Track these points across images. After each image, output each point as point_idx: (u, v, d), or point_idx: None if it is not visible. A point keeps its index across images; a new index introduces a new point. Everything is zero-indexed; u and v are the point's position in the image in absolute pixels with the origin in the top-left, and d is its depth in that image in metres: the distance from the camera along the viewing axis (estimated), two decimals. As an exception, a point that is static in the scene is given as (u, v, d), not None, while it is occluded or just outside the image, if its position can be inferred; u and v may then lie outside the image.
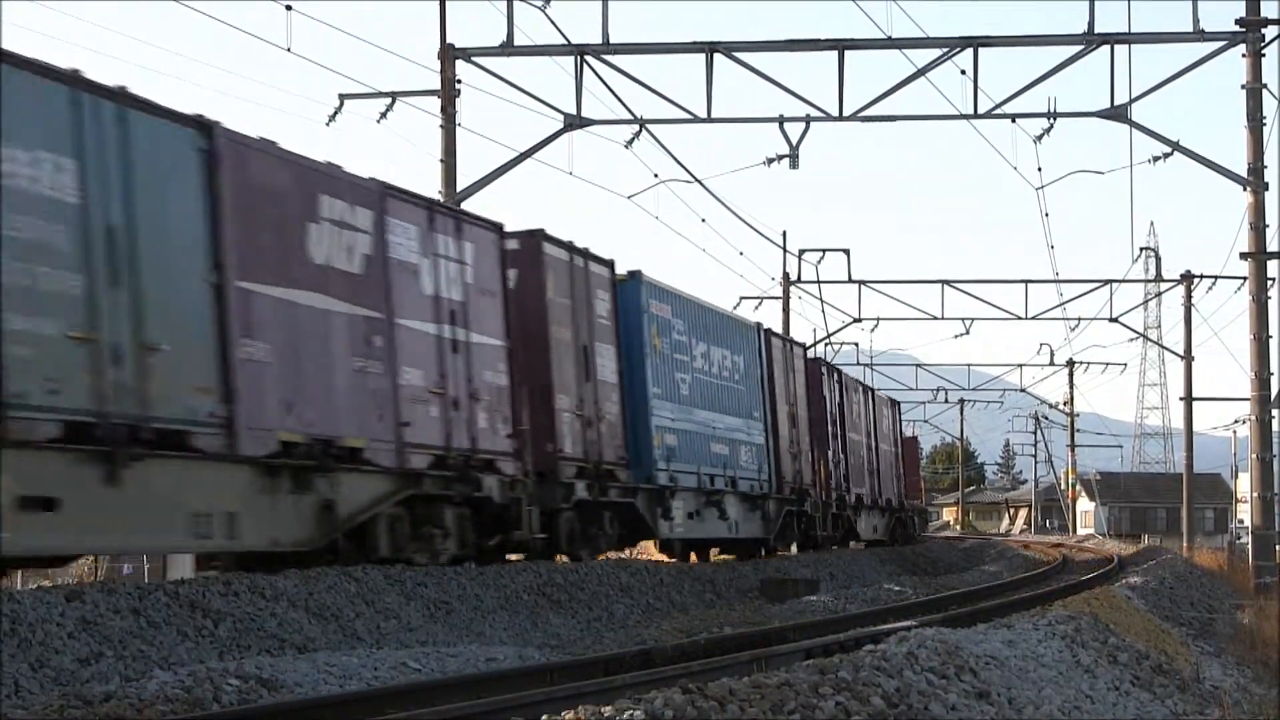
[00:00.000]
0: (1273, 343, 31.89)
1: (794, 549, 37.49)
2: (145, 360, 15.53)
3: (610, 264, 26.90)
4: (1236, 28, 30.78)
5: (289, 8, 27.26)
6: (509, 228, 23.20)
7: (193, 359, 16.33)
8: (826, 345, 58.91)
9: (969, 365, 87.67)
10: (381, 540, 19.45)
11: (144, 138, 15.90)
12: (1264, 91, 31.18)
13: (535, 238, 24.18)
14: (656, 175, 38.05)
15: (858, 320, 57.81)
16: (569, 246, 25.26)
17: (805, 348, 41.58)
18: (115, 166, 15.46)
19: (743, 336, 34.45)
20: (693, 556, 31.92)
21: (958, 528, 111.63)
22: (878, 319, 59.69)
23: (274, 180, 17.90)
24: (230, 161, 17.07)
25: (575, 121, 31.57)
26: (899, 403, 59.73)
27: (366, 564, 18.55)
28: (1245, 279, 32.79)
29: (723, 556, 33.30)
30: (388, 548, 19.52)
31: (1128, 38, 30.68)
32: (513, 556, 23.20)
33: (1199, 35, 30.51)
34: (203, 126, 16.80)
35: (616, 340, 26.63)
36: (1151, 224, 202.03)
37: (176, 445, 15.96)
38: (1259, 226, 31.71)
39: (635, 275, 28.26)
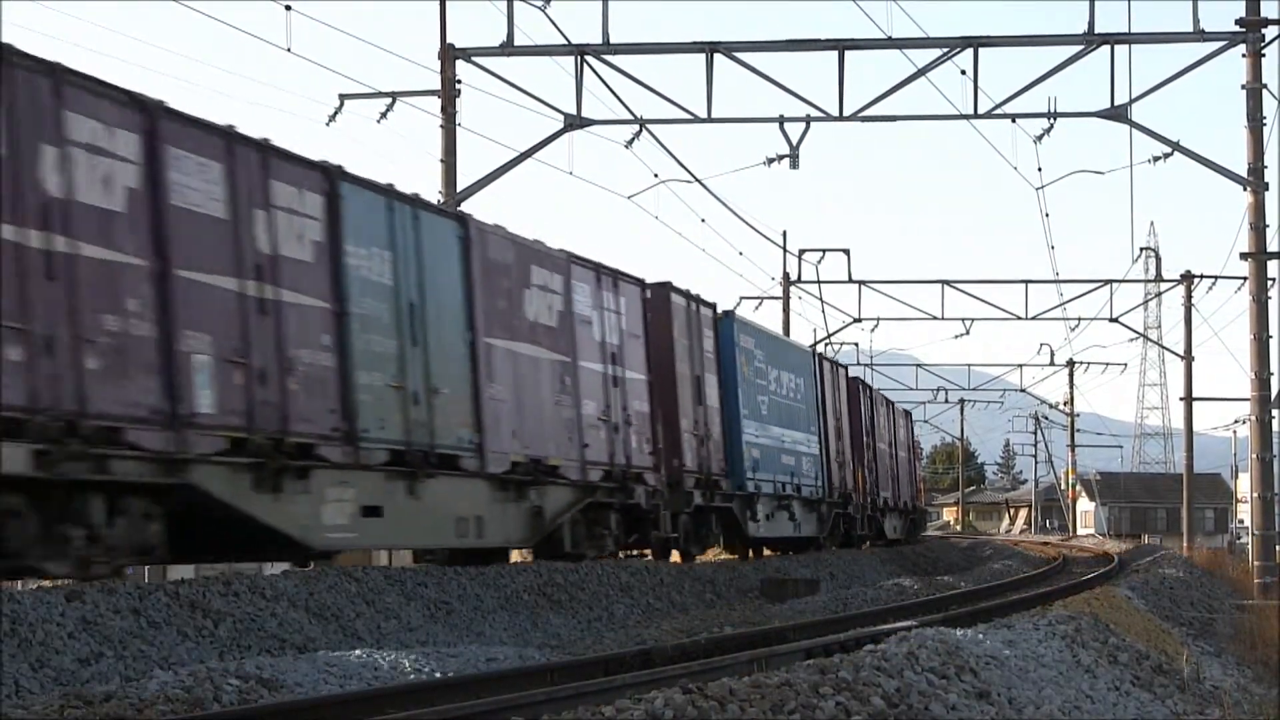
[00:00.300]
0: (1273, 343, 31.88)
1: (833, 546, 41.43)
2: (432, 402, 20.52)
3: (713, 306, 31.85)
4: (1236, 28, 30.77)
5: (289, 8, 27.27)
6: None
7: (459, 399, 21.29)
8: (826, 345, 58.93)
9: (969, 365, 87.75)
10: (566, 539, 24.28)
11: (428, 232, 20.93)
12: (1264, 91, 31.17)
13: (665, 289, 29.14)
14: (656, 175, 38.12)
15: (858, 320, 57.83)
16: (685, 294, 30.07)
17: (847, 368, 46.25)
18: (412, 255, 20.48)
19: (801, 360, 39.16)
20: (765, 551, 36.45)
21: (957, 528, 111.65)
22: (878, 319, 59.76)
23: (502, 256, 22.92)
24: (476, 244, 22.12)
25: (575, 121, 31.57)
26: (910, 413, 62.43)
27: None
28: (1245, 279, 32.78)
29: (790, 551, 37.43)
30: (570, 544, 24.32)
31: (1128, 38, 30.67)
32: (637, 551, 27.94)
33: (1199, 35, 30.50)
34: (460, 219, 22.25)
35: (718, 370, 31.51)
36: (1151, 224, 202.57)
37: (449, 466, 20.89)
38: (1259, 226, 31.70)
39: (729, 314, 33.15)
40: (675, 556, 29.31)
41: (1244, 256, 32.13)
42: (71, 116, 14.98)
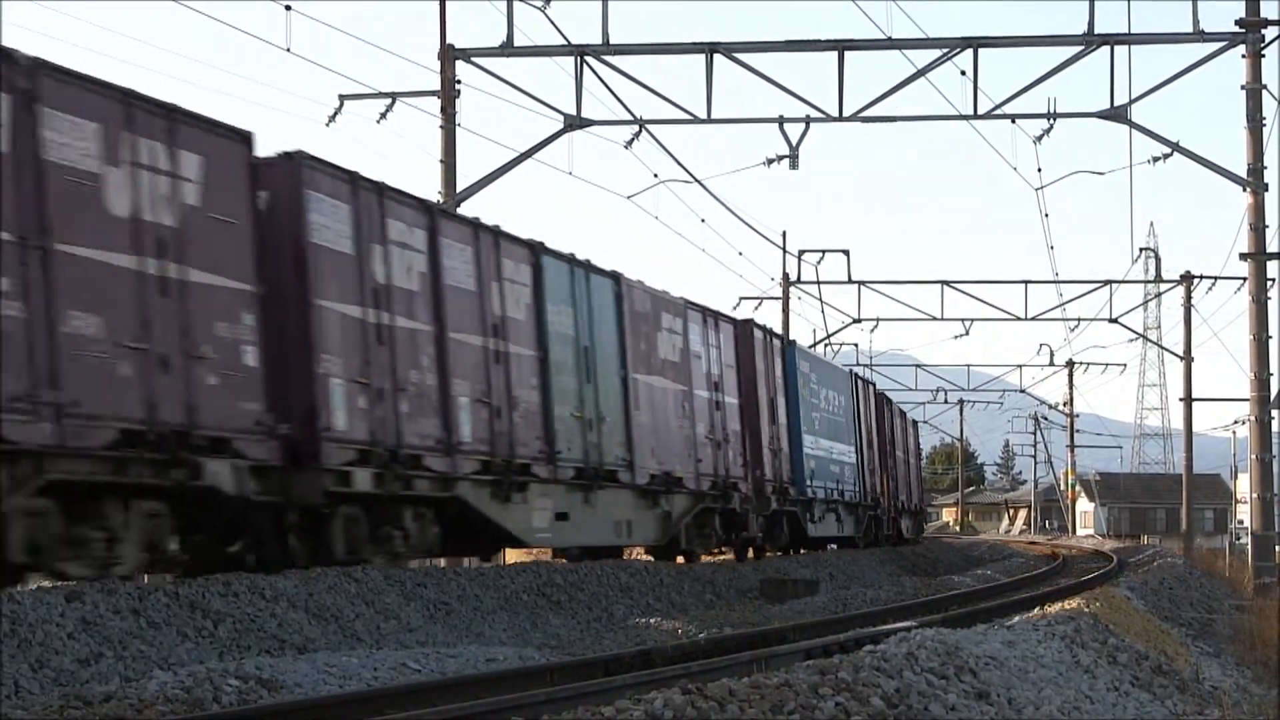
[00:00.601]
0: (1273, 343, 31.91)
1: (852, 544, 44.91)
2: (600, 428, 25.45)
3: (782, 338, 38.16)
4: (1236, 28, 30.80)
5: (289, 8, 27.28)
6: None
7: (616, 425, 26.21)
8: (826, 346, 58.94)
9: (969, 366, 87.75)
10: (683, 538, 29.31)
11: (594, 289, 25.89)
12: (1264, 92, 31.21)
13: (749, 325, 34.50)
14: (656, 175, 38.14)
15: (857, 321, 57.87)
16: (764, 329, 35.55)
17: (874, 384, 51.02)
18: (584, 309, 25.32)
19: (843, 380, 44.00)
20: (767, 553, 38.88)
21: (957, 528, 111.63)
22: (877, 319, 59.82)
23: (642, 306, 27.92)
24: (626, 297, 27.12)
25: (575, 122, 31.58)
26: (918, 422, 65.11)
27: (369, 565, 18.61)
28: (1245, 279, 32.81)
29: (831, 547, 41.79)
30: (685, 542, 29.42)
31: (1128, 38, 30.69)
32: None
33: (1199, 36, 30.52)
34: (615, 278, 26.87)
35: (785, 393, 36.36)
36: (1151, 224, 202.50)
37: (610, 480, 25.87)
38: (1259, 227, 31.73)
39: (792, 343, 39.26)
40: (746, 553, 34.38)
41: (1244, 257, 32.16)
42: (391, 222, 20.10)
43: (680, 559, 29.31)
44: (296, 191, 18.28)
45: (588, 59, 31.13)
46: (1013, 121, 32.83)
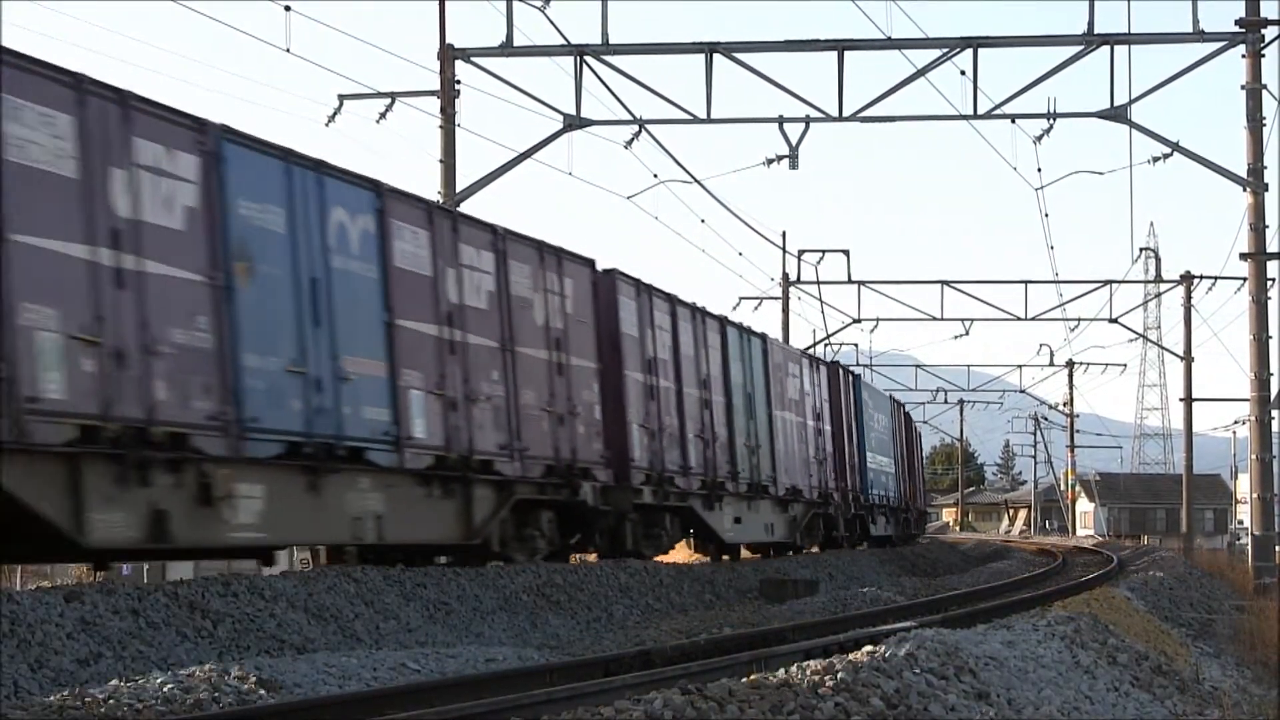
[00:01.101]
0: (1273, 343, 31.90)
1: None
2: (759, 452, 33.64)
3: (858, 376, 46.49)
4: (1236, 28, 30.79)
5: (288, 8, 27.25)
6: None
7: (765, 450, 34.27)
8: (826, 346, 58.94)
9: (969, 366, 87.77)
10: (801, 536, 37.17)
11: (752, 348, 34.24)
12: (1264, 92, 31.19)
13: (836, 366, 43.43)
14: (656, 175, 38.15)
15: (857, 321, 57.86)
16: (846, 369, 44.20)
17: (903, 406, 57.22)
18: (748, 363, 33.81)
19: (885, 403, 51.44)
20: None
21: (956, 529, 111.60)
22: (877, 319, 59.82)
23: (777, 358, 36.58)
24: (770, 352, 35.45)
25: (575, 122, 31.57)
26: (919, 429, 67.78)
27: (360, 564, 18.57)
28: (1245, 279, 32.79)
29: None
30: (801, 540, 37.28)
31: (1127, 38, 30.68)
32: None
33: (1199, 36, 30.51)
34: (763, 338, 34.94)
35: (856, 418, 44.19)
36: (1151, 224, 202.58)
37: (762, 493, 33.72)
38: (1259, 227, 31.71)
39: (858, 378, 46.67)
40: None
41: (1244, 257, 32.14)
42: (658, 315, 28.18)
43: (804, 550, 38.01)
44: (613, 298, 26.11)
45: (587, 59, 31.11)
46: (1013, 121, 32.83)
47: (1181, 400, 59.25)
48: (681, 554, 32.71)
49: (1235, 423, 74.59)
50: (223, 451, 16.36)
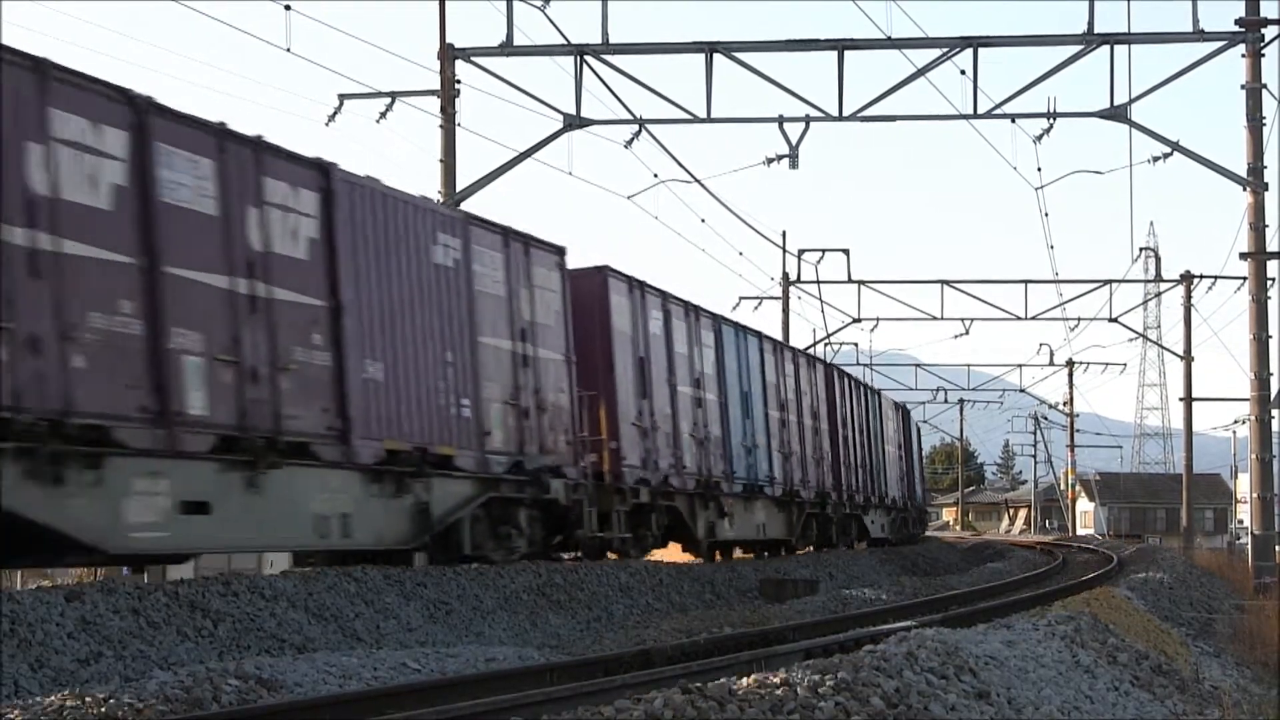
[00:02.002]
0: (1273, 343, 31.89)
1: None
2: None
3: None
4: (1236, 28, 30.78)
5: (289, 8, 27.25)
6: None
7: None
8: (826, 345, 58.92)
9: (969, 365, 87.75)
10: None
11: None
12: (1264, 91, 31.18)
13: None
14: (656, 175, 38.16)
15: (857, 320, 57.84)
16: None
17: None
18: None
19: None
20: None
21: (957, 528, 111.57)
22: (877, 319, 59.81)
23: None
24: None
25: (575, 121, 31.56)
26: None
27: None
28: (1245, 279, 32.79)
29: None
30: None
31: (1128, 38, 30.68)
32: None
33: (1199, 35, 30.50)
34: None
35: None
36: (1151, 224, 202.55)
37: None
38: (1259, 226, 31.70)
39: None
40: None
41: (1244, 256, 32.13)
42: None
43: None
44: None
45: (587, 58, 31.11)
46: (1013, 121, 32.83)
47: (1181, 400, 59.23)
48: (674, 553, 31.91)
49: (1235, 422, 74.46)
50: None
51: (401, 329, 20.11)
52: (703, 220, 69.19)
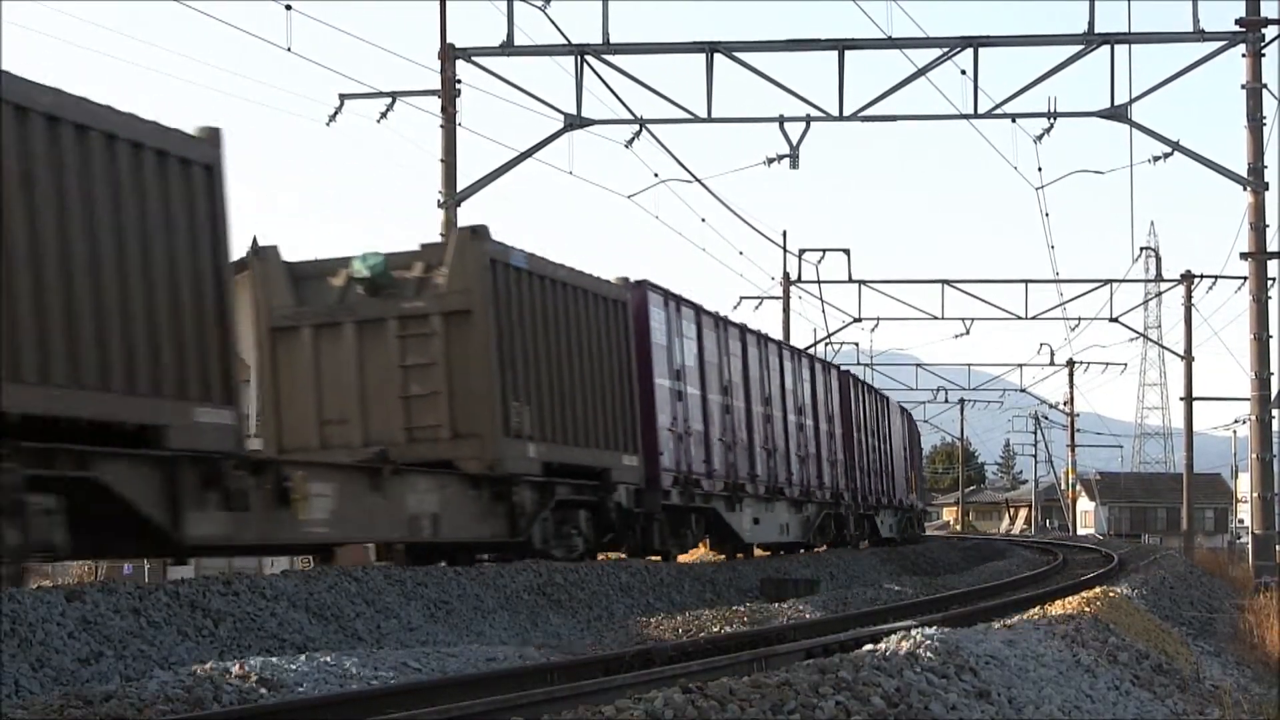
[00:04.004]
0: (1273, 343, 31.90)
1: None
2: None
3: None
4: (1236, 28, 30.79)
5: (289, 8, 27.28)
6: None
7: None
8: (826, 345, 58.92)
9: (969, 365, 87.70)
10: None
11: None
12: (1264, 91, 31.21)
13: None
14: (656, 175, 38.14)
15: (858, 320, 57.86)
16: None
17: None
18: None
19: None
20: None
21: (957, 528, 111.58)
22: (878, 319, 59.82)
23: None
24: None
25: (575, 121, 31.57)
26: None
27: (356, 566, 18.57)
28: (1245, 279, 32.80)
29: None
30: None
31: (1128, 38, 30.68)
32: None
33: (1199, 35, 30.51)
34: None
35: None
36: (1151, 224, 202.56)
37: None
38: (1259, 226, 31.71)
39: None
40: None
41: (1244, 256, 32.15)
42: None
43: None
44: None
45: (588, 58, 31.12)
46: (1013, 121, 32.85)
47: (1182, 399, 59.24)
48: (699, 554, 33.38)
49: (1235, 422, 74.53)
50: None
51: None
52: (703, 220, 69.20)
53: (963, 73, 31.06)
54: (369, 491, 19.84)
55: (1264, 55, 31.05)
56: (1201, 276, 55.76)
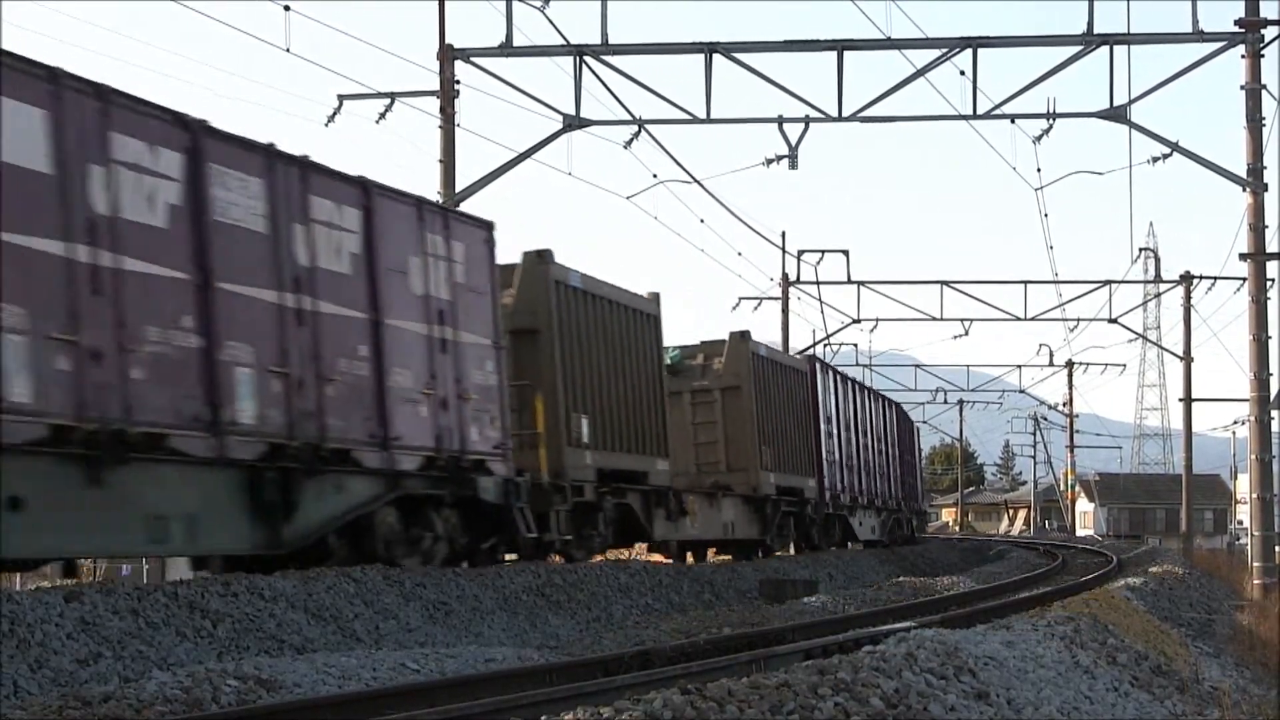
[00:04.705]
0: (1272, 343, 31.87)
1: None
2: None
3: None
4: (1236, 28, 30.77)
5: (288, 8, 27.24)
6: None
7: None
8: (826, 346, 58.92)
9: (968, 366, 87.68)
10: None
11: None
12: (1263, 92, 31.17)
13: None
14: (655, 176, 38.11)
15: (857, 321, 57.82)
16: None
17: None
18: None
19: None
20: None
21: (956, 529, 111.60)
22: (877, 320, 59.76)
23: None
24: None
25: (574, 122, 31.55)
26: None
27: (365, 563, 18.59)
28: (1245, 280, 32.78)
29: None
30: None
31: (1127, 38, 30.67)
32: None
33: (1198, 36, 30.49)
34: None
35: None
36: (1151, 224, 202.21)
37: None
38: (1258, 227, 31.69)
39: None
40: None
41: (1243, 257, 32.12)
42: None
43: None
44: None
45: (587, 59, 31.10)
46: (1012, 121, 32.82)
47: (1181, 400, 59.23)
48: (634, 554, 32.79)
49: (1235, 423, 74.58)
50: None
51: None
52: (702, 221, 69.12)
53: (962, 73, 31.06)
54: (710, 508, 32.55)
55: (1263, 56, 31.03)
56: (1201, 277, 55.76)
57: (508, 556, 23.19)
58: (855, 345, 67.03)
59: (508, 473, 22.20)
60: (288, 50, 27.30)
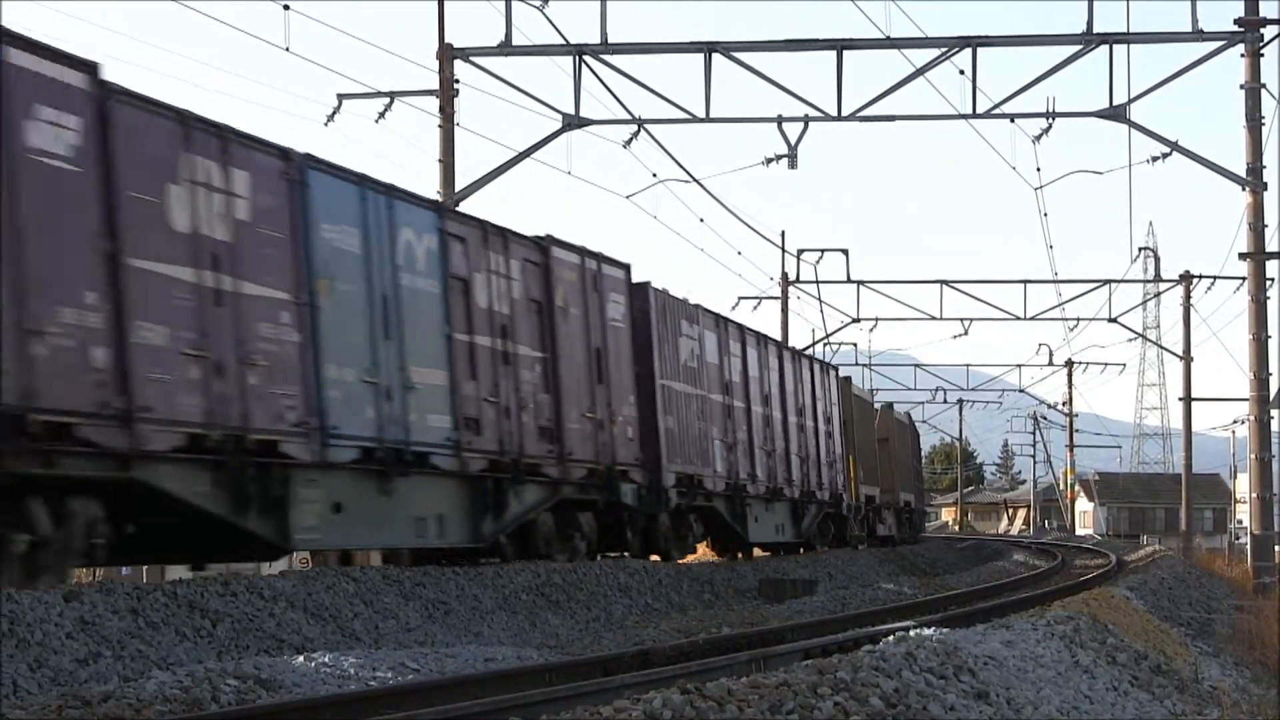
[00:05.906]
0: (1272, 343, 31.88)
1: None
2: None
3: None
4: (1235, 28, 30.77)
5: (287, 7, 27.23)
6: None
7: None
8: (825, 346, 58.90)
9: (968, 365, 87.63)
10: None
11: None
12: (1262, 91, 31.17)
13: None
14: (655, 175, 38.09)
15: (856, 320, 57.78)
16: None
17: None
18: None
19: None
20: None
21: (955, 528, 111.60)
22: (876, 319, 59.71)
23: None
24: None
25: (574, 121, 31.55)
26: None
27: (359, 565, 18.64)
28: (1244, 279, 32.78)
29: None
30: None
31: (1126, 38, 30.66)
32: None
33: (1198, 35, 30.49)
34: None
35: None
36: (1150, 224, 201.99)
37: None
38: (1258, 226, 31.69)
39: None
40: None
41: (1243, 256, 32.13)
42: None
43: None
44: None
45: (586, 58, 31.10)
46: (1012, 121, 32.83)
47: (1181, 400, 59.24)
48: (700, 554, 33.31)
49: (1235, 422, 74.55)
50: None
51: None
52: (702, 220, 69.22)
53: (961, 73, 31.06)
54: None
55: (1263, 55, 31.03)
56: (1200, 277, 55.74)
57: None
58: (855, 345, 67.00)
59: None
60: (287, 49, 27.31)
